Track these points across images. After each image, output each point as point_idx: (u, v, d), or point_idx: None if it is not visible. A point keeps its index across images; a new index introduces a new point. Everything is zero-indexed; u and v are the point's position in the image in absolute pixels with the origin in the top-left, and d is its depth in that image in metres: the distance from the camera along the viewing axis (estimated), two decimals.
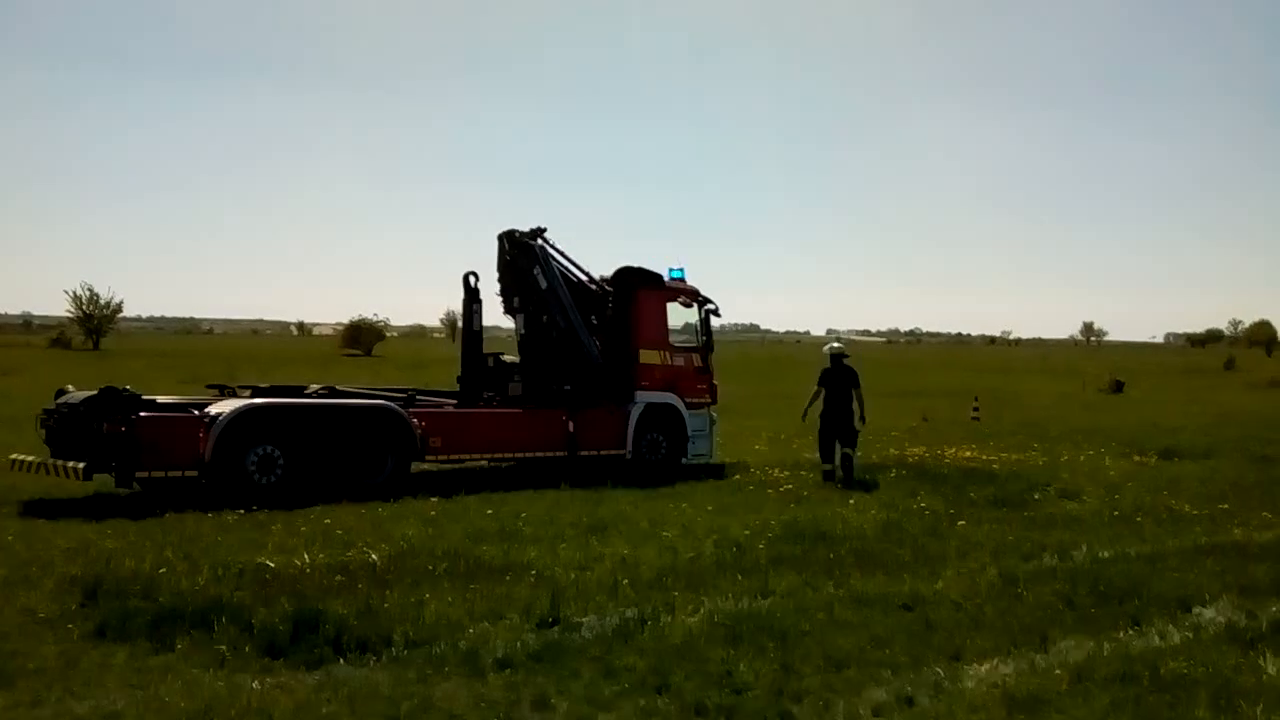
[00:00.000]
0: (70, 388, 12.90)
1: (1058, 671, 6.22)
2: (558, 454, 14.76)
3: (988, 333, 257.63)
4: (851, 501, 12.47)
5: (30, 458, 12.18)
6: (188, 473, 11.81)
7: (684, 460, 15.86)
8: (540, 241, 15.54)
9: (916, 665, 6.34)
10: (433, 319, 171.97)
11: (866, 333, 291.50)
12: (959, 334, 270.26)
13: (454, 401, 15.03)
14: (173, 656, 6.21)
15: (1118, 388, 45.04)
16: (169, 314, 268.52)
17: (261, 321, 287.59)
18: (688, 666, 6.24)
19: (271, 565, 8.31)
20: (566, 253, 15.85)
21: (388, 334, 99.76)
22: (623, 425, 15.38)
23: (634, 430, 15.41)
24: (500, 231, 15.81)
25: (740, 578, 8.46)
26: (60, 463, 11.71)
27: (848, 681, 6.05)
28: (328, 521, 10.62)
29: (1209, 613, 7.63)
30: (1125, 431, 22.94)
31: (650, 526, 10.72)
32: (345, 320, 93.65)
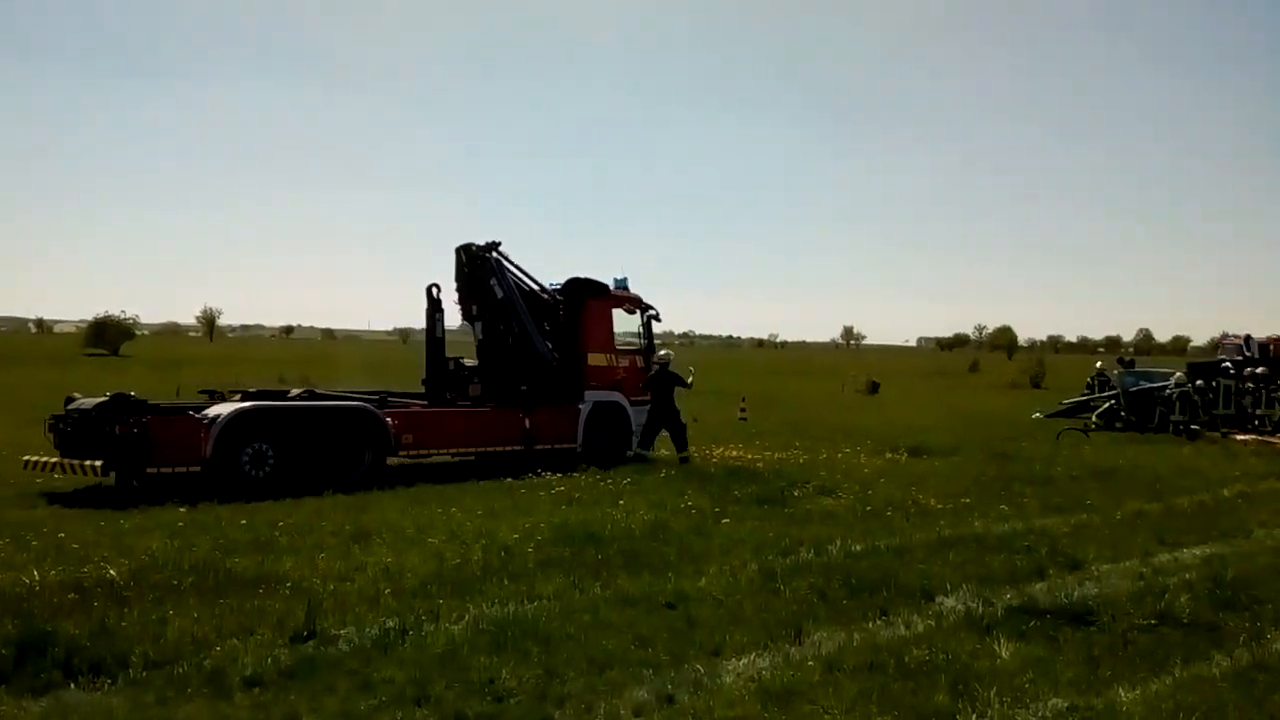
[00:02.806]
0: (78, 395, 14.10)
1: (810, 663, 6.44)
2: (516, 448, 16.33)
3: (757, 336, 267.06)
4: (621, 502, 12.56)
5: (46, 458, 13.27)
6: (191, 468, 12.97)
7: (628, 453, 17.45)
8: (495, 254, 16.97)
9: (678, 663, 6.42)
10: (188, 316, 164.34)
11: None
12: (729, 337, 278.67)
13: (422, 402, 16.41)
14: None
15: (874, 389, 47.50)
16: None
17: None
18: (449, 676, 6.11)
19: None
20: (520, 264, 17.33)
21: (137, 332, 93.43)
22: (574, 422, 17.15)
23: (584, 426, 17.21)
24: (458, 245, 17.18)
25: (507, 582, 8.36)
26: (76, 462, 12.85)
27: (610, 683, 6.06)
28: (62, 535, 9.86)
29: (950, 601, 8.06)
30: (879, 430, 24.17)
31: (417, 533, 10.45)
32: (89, 317, 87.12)
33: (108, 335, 77.50)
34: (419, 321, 17.44)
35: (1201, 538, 11.14)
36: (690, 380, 18.21)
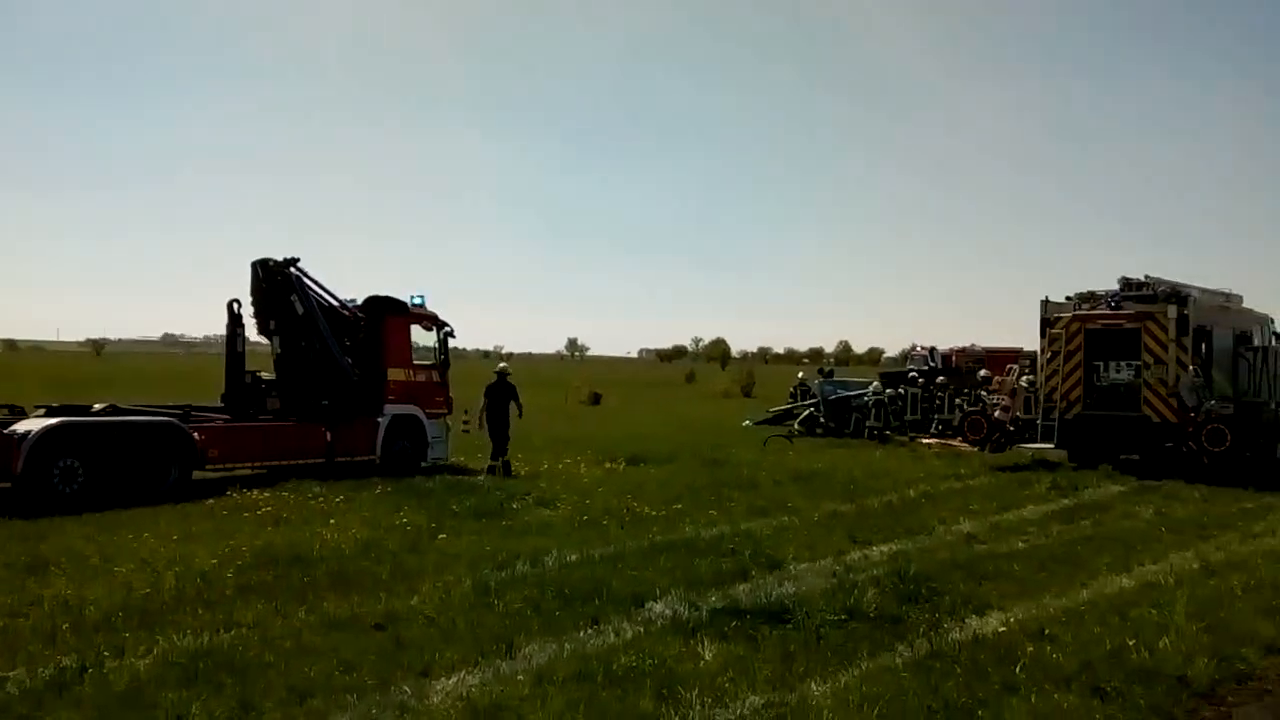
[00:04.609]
0: None
1: (520, 677, 6.41)
2: (318, 460, 16.76)
3: (482, 347, 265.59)
4: (333, 521, 12.12)
5: None
6: (1, 485, 12.96)
7: (423, 463, 18.31)
8: (294, 270, 17.12)
9: (384, 686, 6.23)
10: None
11: None
12: (454, 348, 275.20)
13: (225, 417, 16.54)
14: None
15: (595, 399, 48.31)
16: None
17: None
18: (133, 715, 5.70)
19: None
20: (320, 281, 17.65)
21: None
22: (374, 434, 17.78)
23: (383, 438, 17.87)
24: (254, 260, 17.19)
25: (202, 611, 7.89)
26: None
27: (311, 712, 5.81)
28: None
29: (659, 606, 8.24)
30: (600, 440, 24.57)
31: (102, 561, 9.67)
32: None
33: None
34: (118, 331, 16.90)
35: (889, 535, 11.96)
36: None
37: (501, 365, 19.25)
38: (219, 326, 17.58)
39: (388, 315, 18.42)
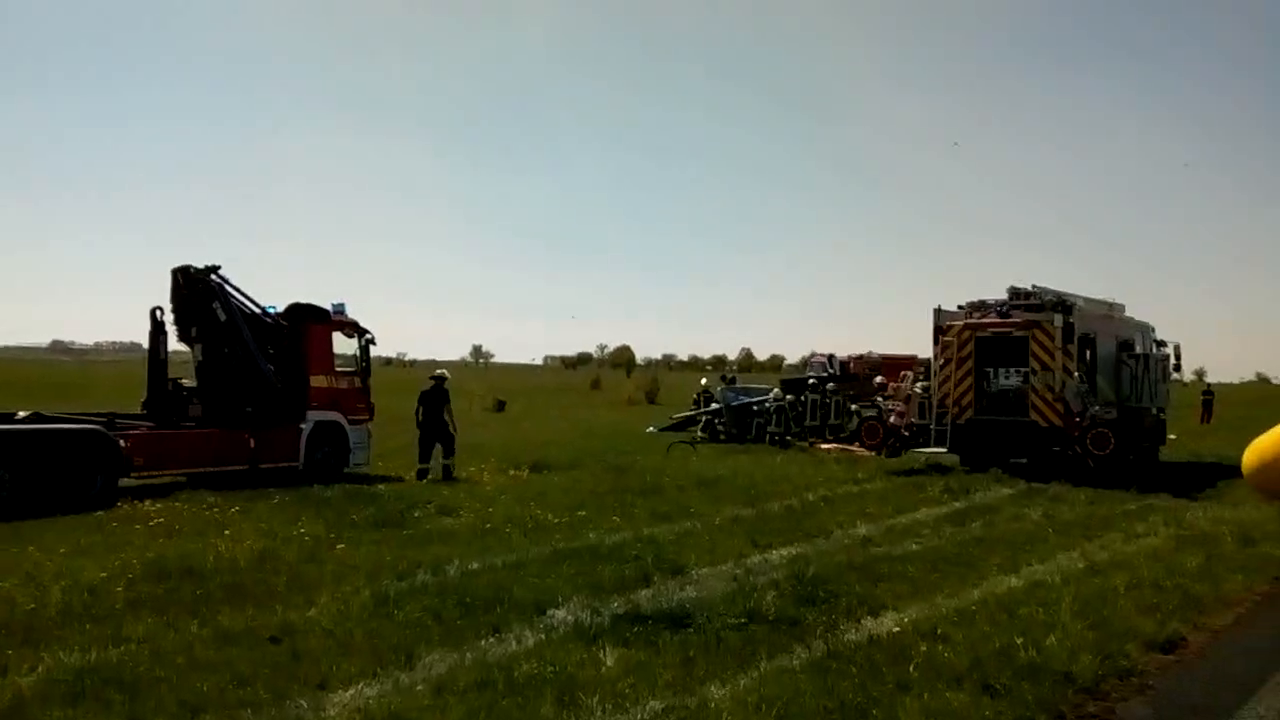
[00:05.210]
0: None
1: (420, 687, 6.37)
2: (242, 467, 16.82)
3: (384, 354, 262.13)
4: (227, 532, 11.85)
5: None
6: None
7: (345, 469, 18.37)
8: (216, 278, 17.22)
9: (279, 700, 6.14)
10: None
11: None
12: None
13: (149, 424, 16.72)
14: None
15: (500, 406, 48.08)
16: None
17: None
18: None
19: None
20: (241, 288, 17.65)
21: None
22: (297, 441, 17.85)
23: (306, 445, 17.94)
24: (175, 267, 17.29)
25: (90, 626, 7.65)
26: None
27: None
28: None
29: (561, 613, 8.25)
30: (504, 447, 24.45)
31: None
32: None
33: None
34: (2, 338, 16.65)
35: (789, 539, 12.15)
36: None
37: (439, 372, 19.84)
38: (110, 333, 17.87)
39: (310, 322, 18.58)
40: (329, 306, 19.03)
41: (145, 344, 17.81)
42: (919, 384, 23.31)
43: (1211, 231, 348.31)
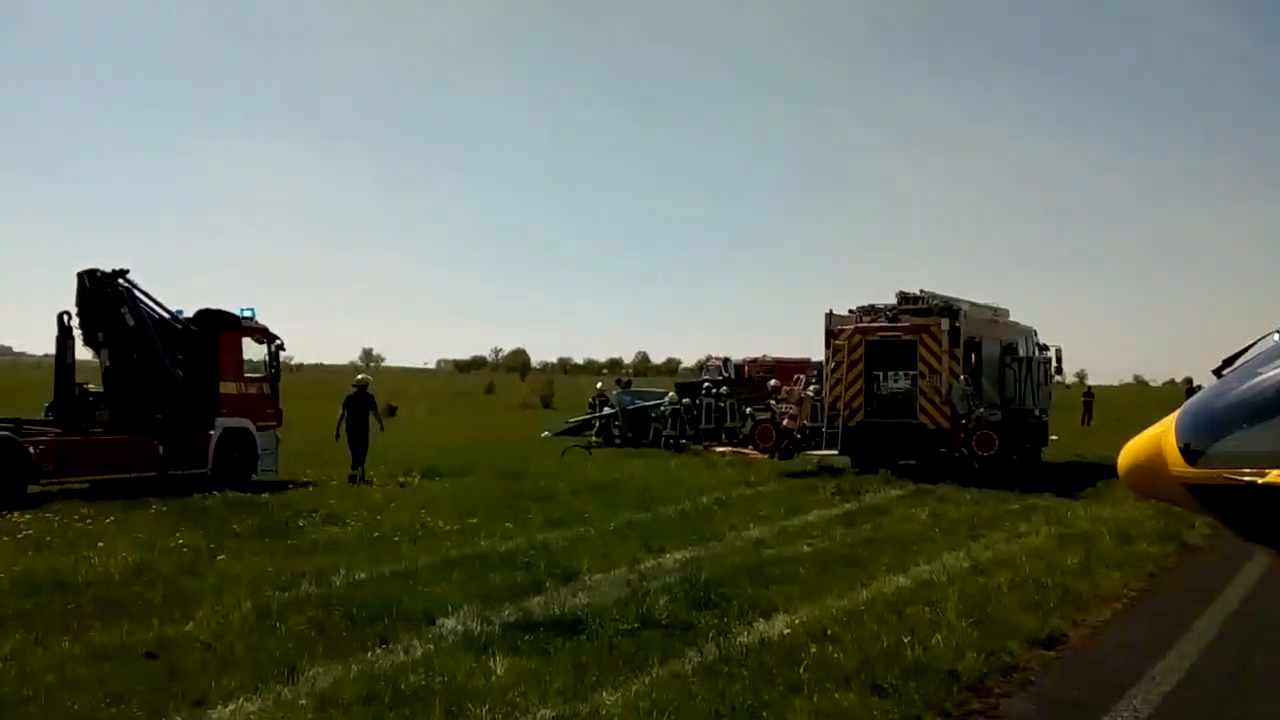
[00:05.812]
0: None
1: (303, 701, 6.18)
2: (151, 474, 16.60)
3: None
4: (101, 544, 11.37)
5: None
6: None
7: (254, 475, 18.19)
8: (124, 282, 16.94)
9: (155, 718, 5.89)
10: None
11: None
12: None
13: (56, 430, 16.44)
14: None
15: (391, 411, 47.24)
16: None
17: None
18: None
19: None
20: (150, 293, 17.47)
21: None
22: (206, 447, 17.63)
23: (215, 451, 17.72)
24: (80, 270, 16.96)
25: None
26: None
27: None
28: None
29: (450, 622, 8.11)
30: (394, 453, 23.88)
31: None
32: None
33: None
34: None
35: (683, 543, 12.18)
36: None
37: (361, 377, 20.16)
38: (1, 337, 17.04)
39: (220, 328, 18.43)
40: (238, 312, 18.81)
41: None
42: (811, 387, 23.66)
43: (1092, 238, 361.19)
